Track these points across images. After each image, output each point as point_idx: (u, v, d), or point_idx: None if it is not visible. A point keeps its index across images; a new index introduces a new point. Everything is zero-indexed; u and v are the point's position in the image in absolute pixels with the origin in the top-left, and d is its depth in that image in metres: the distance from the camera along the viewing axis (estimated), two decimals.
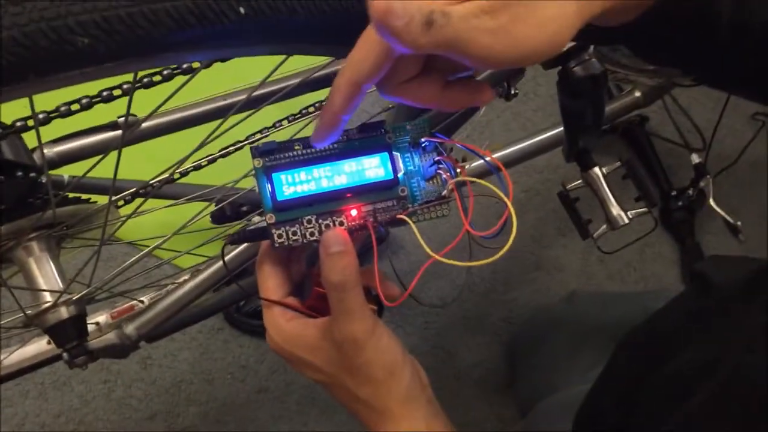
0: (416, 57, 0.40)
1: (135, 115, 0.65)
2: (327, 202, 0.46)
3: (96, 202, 0.66)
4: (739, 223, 1.48)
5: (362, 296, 0.46)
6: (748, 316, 0.55)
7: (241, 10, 0.38)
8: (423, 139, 0.48)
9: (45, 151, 0.64)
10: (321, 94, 0.68)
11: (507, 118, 1.51)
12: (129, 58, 0.36)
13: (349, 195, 0.47)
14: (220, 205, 0.81)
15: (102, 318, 0.82)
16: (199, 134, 0.68)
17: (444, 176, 0.48)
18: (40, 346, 0.81)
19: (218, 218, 1.01)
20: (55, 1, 0.33)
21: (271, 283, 0.49)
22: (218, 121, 0.56)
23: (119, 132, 0.64)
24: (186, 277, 0.81)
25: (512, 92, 0.71)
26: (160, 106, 0.49)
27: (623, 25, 0.42)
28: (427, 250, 0.44)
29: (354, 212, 0.47)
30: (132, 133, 0.65)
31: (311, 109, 0.72)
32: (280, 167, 0.46)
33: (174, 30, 0.36)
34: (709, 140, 1.45)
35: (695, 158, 1.44)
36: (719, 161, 1.51)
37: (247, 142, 0.63)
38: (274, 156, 0.46)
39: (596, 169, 0.83)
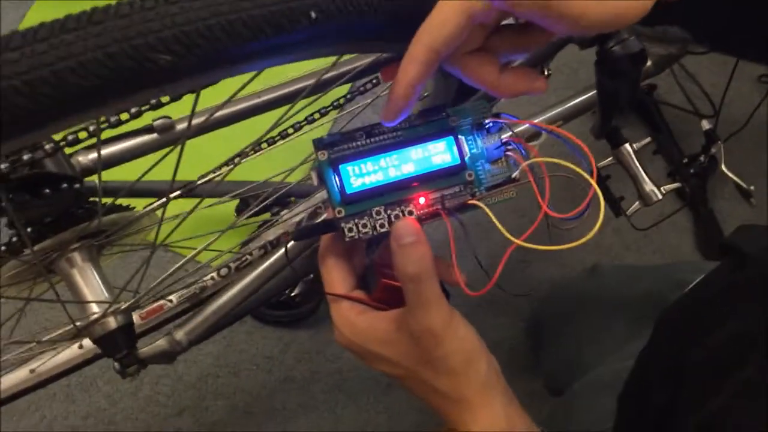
0: (480, 28, 0.39)
1: (169, 117, 0.64)
2: (394, 192, 0.45)
3: (134, 208, 0.65)
4: (752, 187, 1.48)
5: (438, 287, 0.44)
6: None
7: (312, 14, 0.37)
8: (488, 121, 0.47)
9: (80, 158, 0.63)
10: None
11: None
12: (208, 72, 0.35)
13: (415, 183, 0.45)
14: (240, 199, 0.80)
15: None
16: (234, 131, 0.68)
17: (513, 158, 0.47)
18: (72, 351, 0.80)
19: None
20: (135, 17, 0.32)
21: (336, 276, 0.48)
22: (283, 109, 0.55)
23: (155, 135, 0.63)
24: (213, 274, 0.80)
25: (545, 73, 0.70)
26: (213, 113, 0.48)
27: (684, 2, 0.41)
28: (508, 235, 0.43)
29: (422, 200, 0.45)
30: (174, 133, 0.63)
31: (341, 101, 0.71)
32: (347, 158, 0.44)
33: (251, 40, 0.35)
34: (718, 106, 1.45)
35: (705, 124, 1.43)
36: (728, 126, 1.50)
37: (295, 134, 0.62)
38: (338, 147, 0.44)
39: (627, 146, 0.82)
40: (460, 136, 0.46)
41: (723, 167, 1.43)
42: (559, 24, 0.35)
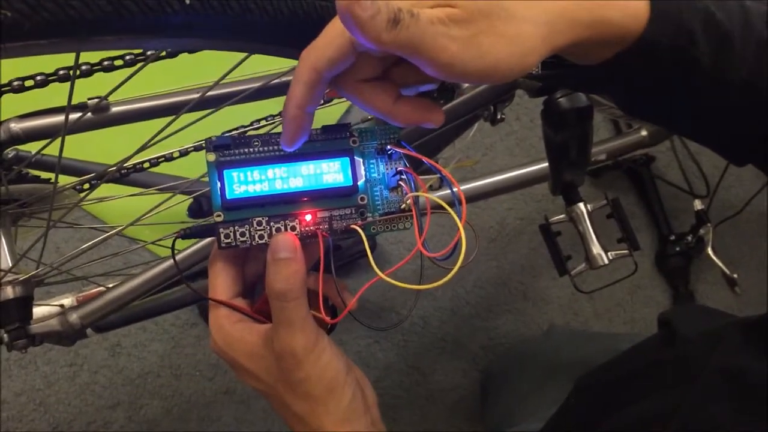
0: (377, 58, 0.39)
1: (99, 97, 0.64)
2: (280, 205, 0.44)
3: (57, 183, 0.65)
4: (735, 275, 1.44)
5: (305, 308, 0.44)
6: (707, 366, 0.53)
7: (187, 0, 0.37)
8: (389, 147, 0.46)
9: (12, 125, 0.63)
10: None
11: (511, 143, 1.49)
12: (68, 38, 0.35)
13: (305, 199, 0.45)
14: (193, 197, 0.80)
15: (67, 300, 0.80)
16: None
17: (404, 188, 0.46)
18: None
19: (195, 212, 0.99)
20: None
21: (220, 281, 0.47)
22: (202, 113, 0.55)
23: (89, 114, 0.63)
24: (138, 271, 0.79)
25: (498, 117, 0.69)
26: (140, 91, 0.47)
27: (601, 67, 0.41)
28: (374, 267, 0.42)
29: (308, 217, 0.45)
30: (101, 116, 0.63)
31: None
32: (233, 164, 0.43)
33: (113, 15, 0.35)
34: (713, 188, 1.43)
35: (698, 205, 1.41)
36: (723, 210, 1.48)
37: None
38: (229, 151, 0.44)
39: (581, 205, 0.81)
40: (358, 159, 0.46)
41: (709, 250, 1.40)
42: (428, 68, 0.34)
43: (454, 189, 0.43)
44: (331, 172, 0.45)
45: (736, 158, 0.49)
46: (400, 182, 0.46)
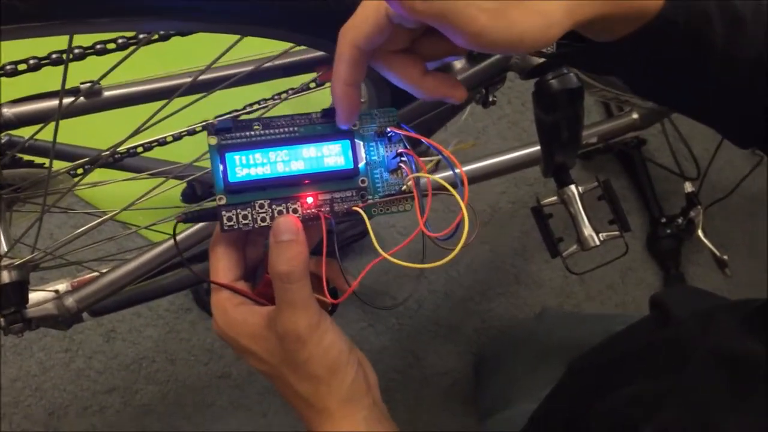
0: (407, 30, 0.40)
1: (92, 82, 0.63)
2: (282, 188, 0.45)
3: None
4: (725, 257, 1.46)
5: (308, 289, 0.44)
6: (699, 349, 0.54)
7: None
8: (389, 129, 0.47)
9: (5, 110, 0.63)
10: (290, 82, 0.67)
11: (503, 127, 1.49)
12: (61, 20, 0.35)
13: (307, 182, 0.45)
14: (186, 182, 0.80)
15: (62, 286, 0.80)
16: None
17: (405, 170, 0.47)
18: None
19: (189, 197, 1.00)
20: None
21: (222, 265, 0.48)
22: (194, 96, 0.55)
23: (81, 98, 0.63)
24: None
25: (490, 99, 0.69)
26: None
27: (617, 45, 0.41)
28: (378, 248, 0.42)
29: (310, 200, 0.45)
30: (94, 101, 0.63)
31: (283, 95, 0.71)
32: (235, 147, 0.44)
33: None
34: (704, 170, 1.44)
35: (688, 187, 1.42)
36: (714, 192, 1.49)
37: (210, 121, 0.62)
38: (230, 135, 0.44)
39: (572, 187, 0.81)
40: (358, 141, 0.46)
41: (699, 233, 1.41)
42: (457, 37, 0.35)
43: (456, 170, 0.44)
44: (332, 155, 0.46)
45: (742, 140, 0.50)
46: (401, 164, 0.47)
